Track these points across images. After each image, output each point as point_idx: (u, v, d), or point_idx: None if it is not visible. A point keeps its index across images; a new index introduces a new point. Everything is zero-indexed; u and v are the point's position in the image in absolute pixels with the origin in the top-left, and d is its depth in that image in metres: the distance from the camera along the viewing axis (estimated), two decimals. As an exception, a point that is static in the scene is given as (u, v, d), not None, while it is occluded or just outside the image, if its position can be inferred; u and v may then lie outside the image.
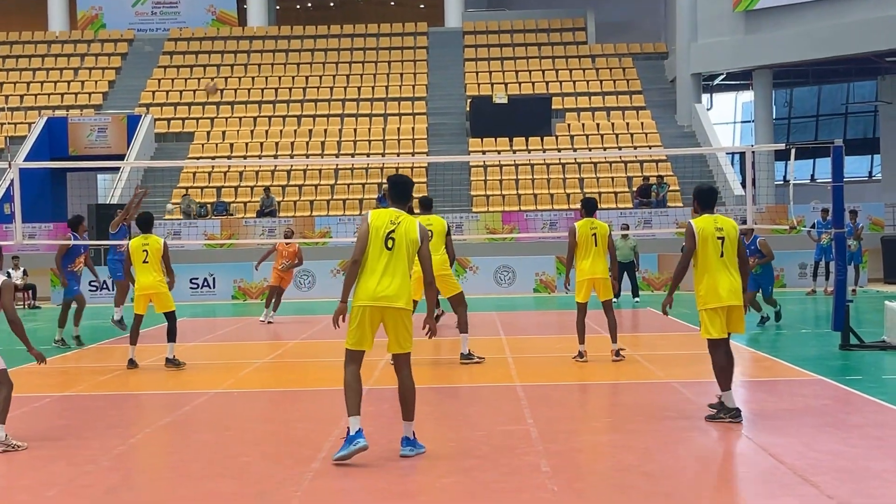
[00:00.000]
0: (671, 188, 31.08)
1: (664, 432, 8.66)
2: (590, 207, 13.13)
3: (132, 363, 12.79)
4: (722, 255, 8.91)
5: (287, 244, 19.82)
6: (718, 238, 8.92)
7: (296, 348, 15.55)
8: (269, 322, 18.98)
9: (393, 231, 7.63)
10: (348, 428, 7.55)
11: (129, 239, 14.90)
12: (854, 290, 22.98)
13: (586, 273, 12.66)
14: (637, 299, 23.00)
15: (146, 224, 13.28)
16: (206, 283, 27.67)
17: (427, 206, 13.69)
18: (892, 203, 31.23)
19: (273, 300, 19.50)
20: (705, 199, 9.24)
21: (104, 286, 24.31)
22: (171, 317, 13.05)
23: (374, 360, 12.73)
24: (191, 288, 26.87)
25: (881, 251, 28.48)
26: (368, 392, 10.60)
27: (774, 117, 40.26)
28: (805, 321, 18.88)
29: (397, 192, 7.88)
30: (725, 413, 8.78)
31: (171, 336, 12.97)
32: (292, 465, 7.51)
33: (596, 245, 12.69)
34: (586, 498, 6.54)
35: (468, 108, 36.55)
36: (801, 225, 21.62)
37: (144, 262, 12.92)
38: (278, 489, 6.86)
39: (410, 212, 8.62)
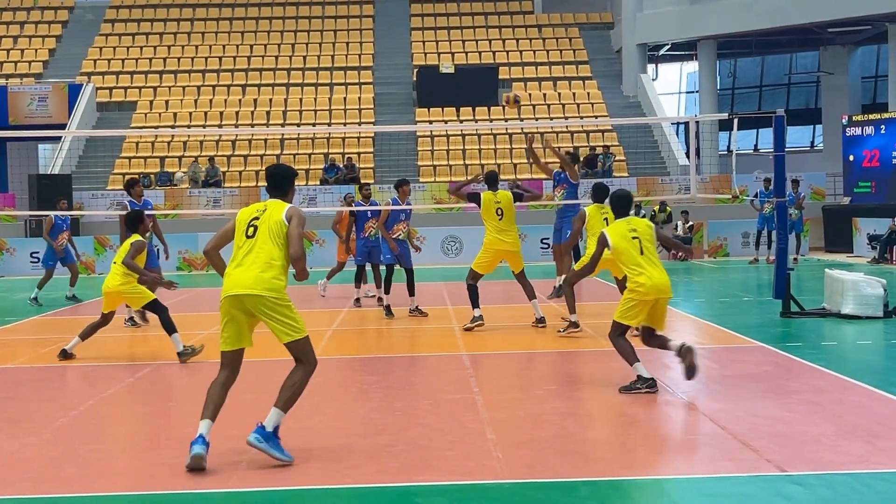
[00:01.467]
0: (617, 158, 31.25)
1: (607, 400, 8.75)
2: (601, 193, 12.59)
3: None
4: (642, 253, 9.21)
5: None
6: (633, 238, 9.24)
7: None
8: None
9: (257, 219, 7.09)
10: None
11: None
12: (795, 259, 23.29)
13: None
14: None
15: (132, 223, 11.85)
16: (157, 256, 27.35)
17: (492, 181, 13.45)
18: (833, 173, 31.69)
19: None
20: (618, 205, 9.57)
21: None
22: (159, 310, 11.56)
23: (321, 330, 12.70)
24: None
25: (822, 220, 28.91)
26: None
27: (719, 88, 40.57)
28: (747, 289, 19.11)
29: (274, 182, 7.30)
30: (642, 384, 8.86)
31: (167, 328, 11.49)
32: (236, 437, 7.47)
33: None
34: (530, 464, 6.59)
35: (415, 78, 36.41)
36: (743, 194, 21.81)
37: (114, 262, 11.76)
38: (222, 459, 6.83)
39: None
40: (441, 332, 13.43)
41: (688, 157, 26.62)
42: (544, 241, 26.91)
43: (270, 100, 35.76)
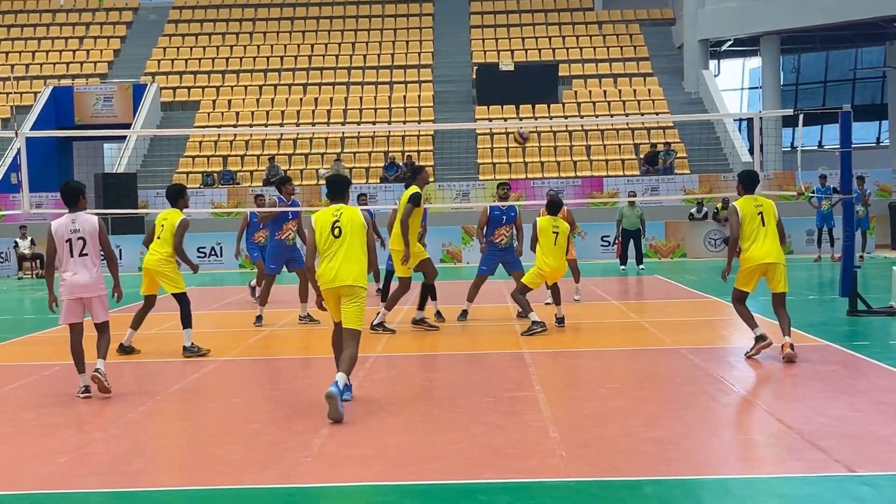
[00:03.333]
0: (678, 155, 31.00)
1: (671, 398, 8.68)
2: (751, 182, 11.13)
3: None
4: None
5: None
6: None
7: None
8: None
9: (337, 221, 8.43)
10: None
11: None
12: (861, 257, 22.94)
13: (755, 258, 10.82)
14: (642, 267, 22.98)
15: (172, 196, 11.73)
16: (213, 252, 27.72)
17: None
18: (900, 169, 31.16)
19: None
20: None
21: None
22: (181, 301, 11.55)
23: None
24: (198, 257, 26.91)
25: (888, 217, 28.43)
26: (376, 359, 10.61)
27: (782, 83, 40.08)
28: (812, 287, 18.85)
29: (335, 189, 8.76)
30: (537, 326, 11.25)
31: (185, 321, 11.53)
32: (301, 432, 7.54)
33: (764, 224, 10.80)
34: (593, 463, 6.55)
35: (474, 76, 36.42)
36: (808, 191, 21.58)
37: (158, 237, 11.58)
38: (287, 455, 6.89)
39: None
40: (502, 329, 13.41)
41: (751, 153, 26.31)
42: (605, 238, 26.75)
43: (331, 98, 35.99)
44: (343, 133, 33.51)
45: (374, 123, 33.94)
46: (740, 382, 9.25)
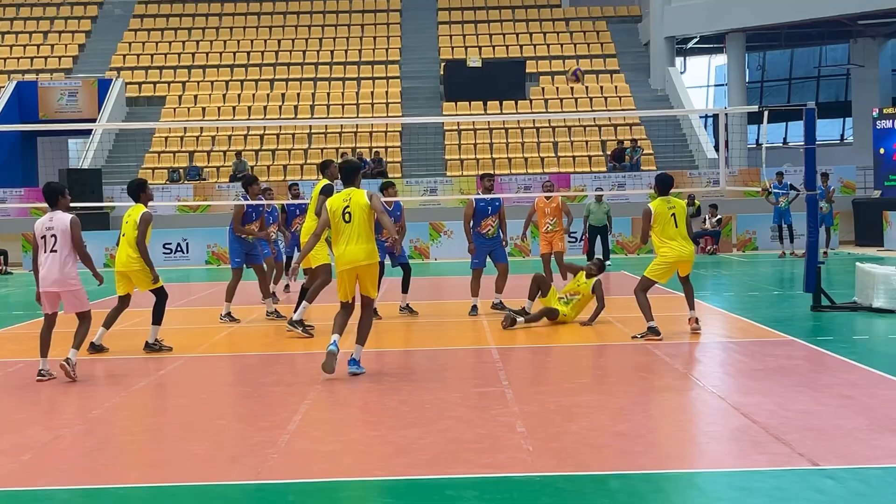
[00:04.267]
0: (645, 152, 31.15)
1: (638, 392, 8.74)
2: (665, 185, 11.92)
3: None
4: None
5: (548, 199, 16.65)
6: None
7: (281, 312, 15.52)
8: None
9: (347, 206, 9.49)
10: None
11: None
12: (825, 253, 23.13)
13: (674, 255, 11.62)
14: (608, 262, 23.04)
15: (134, 192, 11.54)
16: (179, 248, 27.56)
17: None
18: (864, 166, 31.46)
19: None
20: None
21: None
22: (159, 295, 11.47)
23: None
24: (164, 253, 26.76)
25: (852, 214, 28.72)
26: (344, 355, 10.59)
27: (747, 80, 40.36)
28: (777, 283, 19.02)
29: (344, 174, 9.79)
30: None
31: (156, 317, 11.48)
32: (268, 428, 7.53)
33: (677, 226, 11.63)
34: (560, 458, 6.59)
35: (442, 72, 36.42)
36: (767, 189, 21.75)
37: (123, 234, 11.43)
38: (254, 451, 6.87)
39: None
40: (469, 325, 13.44)
41: (716, 150, 26.53)
42: (572, 234, 26.80)
43: (298, 94, 35.88)
44: (310, 129, 33.42)
45: (341, 119, 33.86)
46: (706, 377, 9.32)
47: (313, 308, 12.96)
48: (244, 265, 14.47)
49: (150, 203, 11.56)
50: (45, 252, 9.71)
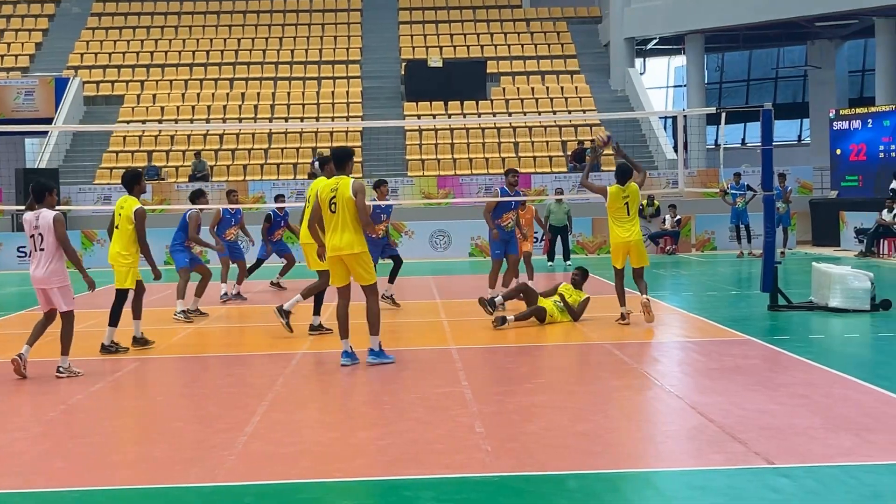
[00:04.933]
0: (605, 152, 31.21)
1: (596, 393, 8.78)
2: (624, 175, 12.94)
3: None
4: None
5: (523, 210, 17.30)
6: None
7: (228, 313, 15.45)
8: None
9: (334, 196, 9.85)
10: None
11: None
12: (782, 253, 23.37)
13: (620, 238, 12.78)
14: (569, 262, 23.15)
15: (128, 183, 11.85)
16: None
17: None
18: (821, 167, 31.80)
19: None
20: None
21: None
22: (119, 295, 11.64)
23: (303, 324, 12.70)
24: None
25: (809, 214, 29.00)
26: (303, 356, 10.57)
27: (706, 82, 40.63)
28: (735, 283, 19.17)
29: (335, 161, 10.11)
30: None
31: (113, 319, 11.58)
32: (225, 430, 7.49)
33: (629, 214, 12.82)
34: (519, 458, 6.60)
35: (403, 72, 36.38)
36: (724, 190, 21.92)
37: (116, 226, 11.92)
38: (211, 453, 6.83)
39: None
40: (430, 326, 13.44)
41: (675, 151, 26.67)
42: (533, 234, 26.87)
43: (258, 94, 35.70)
44: (270, 129, 33.25)
45: (301, 119, 33.73)
46: (664, 377, 9.38)
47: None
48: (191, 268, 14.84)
49: (107, 205, 11.61)
50: (35, 251, 9.92)
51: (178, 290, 14.54)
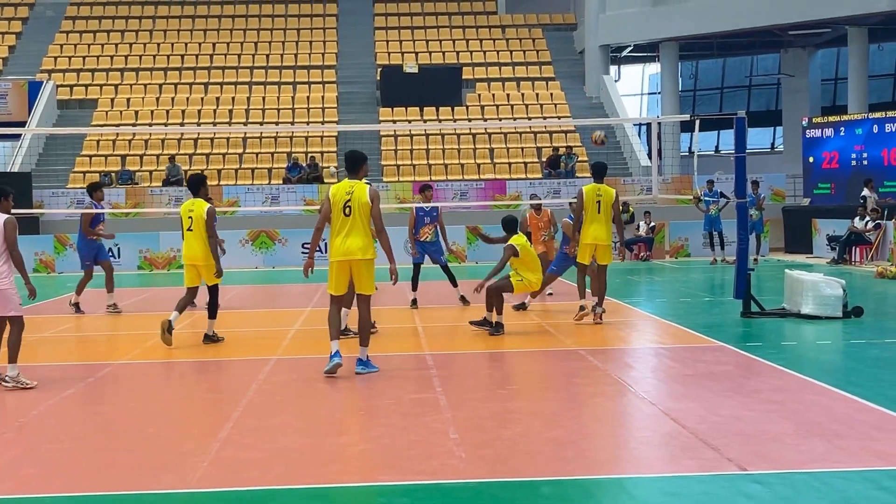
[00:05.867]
0: (580, 159, 31.36)
1: (570, 398, 8.79)
2: (599, 172, 13.72)
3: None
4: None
5: (538, 214, 17.72)
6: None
7: (202, 319, 15.37)
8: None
9: (349, 200, 9.69)
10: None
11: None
12: (755, 260, 23.49)
13: (590, 237, 13.35)
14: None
15: (194, 186, 12.51)
16: (110, 253, 27.10)
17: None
18: (793, 174, 32.00)
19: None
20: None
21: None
22: (212, 291, 12.42)
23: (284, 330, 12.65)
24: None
25: (782, 221, 29.18)
26: (278, 361, 10.55)
27: (680, 89, 40.86)
28: (708, 289, 19.25)
29: (349, 164, 9.95)
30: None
31: (212, 312, 12.37)
32: (199, 436, 7.45)
33: (599, 212, 13.35)
34: (492, 464, 6.60)
35: (378, 77, 36.37)
36: (697, 197, 22.00)
37: (189, 229, 12.30)
38: (184, 460, 6.80)
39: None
40: (404, 332, 13.42)
41: (650, 158, 26.78)
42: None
43: (233, 98, 35.59)
44: (245, 133, 33.15)
45: (276, 124, 33.65)
46: (637, 383, 9.40)
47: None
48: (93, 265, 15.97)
49: (80, 208, 11.75)
50: None
51: (79, 286, 15.86)
